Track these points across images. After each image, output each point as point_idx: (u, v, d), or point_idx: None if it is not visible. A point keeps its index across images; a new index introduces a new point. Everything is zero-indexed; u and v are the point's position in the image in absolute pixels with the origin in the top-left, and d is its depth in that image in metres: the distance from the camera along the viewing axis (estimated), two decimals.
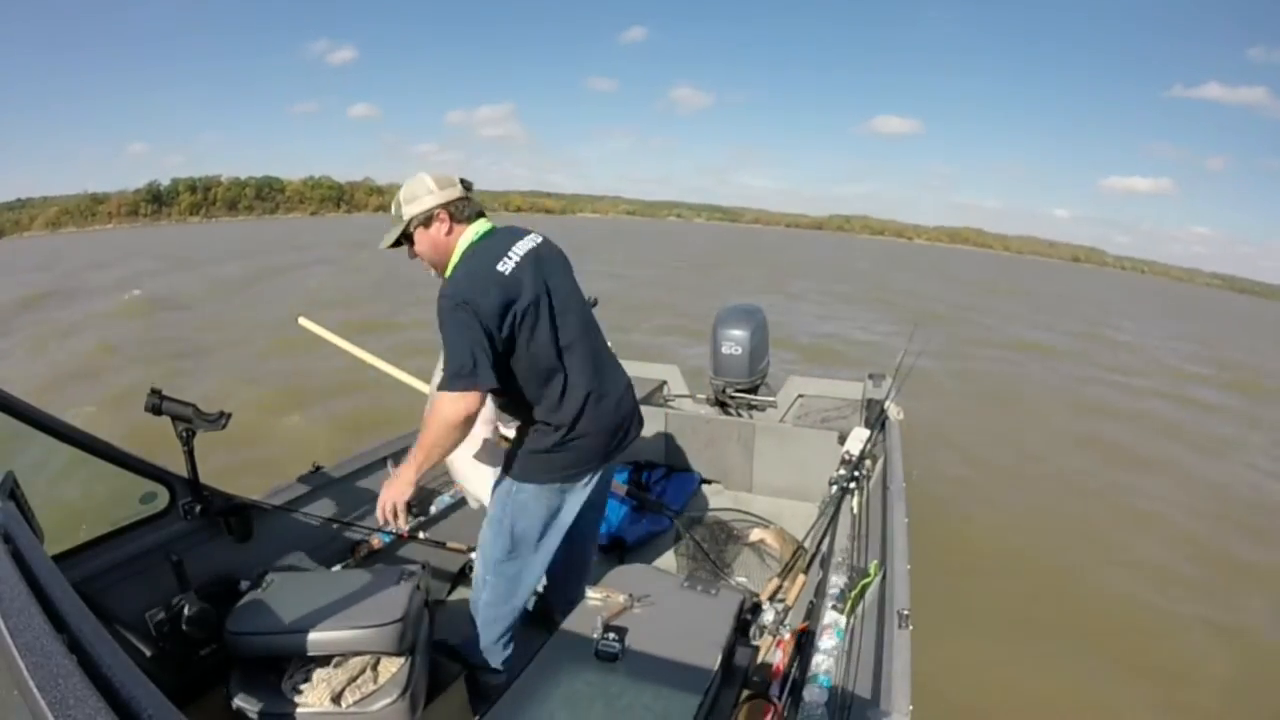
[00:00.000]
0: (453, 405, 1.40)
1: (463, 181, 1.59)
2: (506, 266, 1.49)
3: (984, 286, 25.66)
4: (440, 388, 1.43)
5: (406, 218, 1.55)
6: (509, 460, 1.64)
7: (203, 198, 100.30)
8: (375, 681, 1.49)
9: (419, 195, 1.54)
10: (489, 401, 1.58)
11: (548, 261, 1.59)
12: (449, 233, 1.56)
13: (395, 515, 1.52)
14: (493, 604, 1.70)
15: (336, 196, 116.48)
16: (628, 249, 30.21)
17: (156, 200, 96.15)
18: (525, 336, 1.49)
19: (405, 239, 1.58)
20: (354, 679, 1.47)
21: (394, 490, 1.51)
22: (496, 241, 1.56)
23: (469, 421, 1.43)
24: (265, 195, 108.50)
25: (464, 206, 1.57)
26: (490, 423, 2.03)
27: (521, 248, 1.55)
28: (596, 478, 1.67)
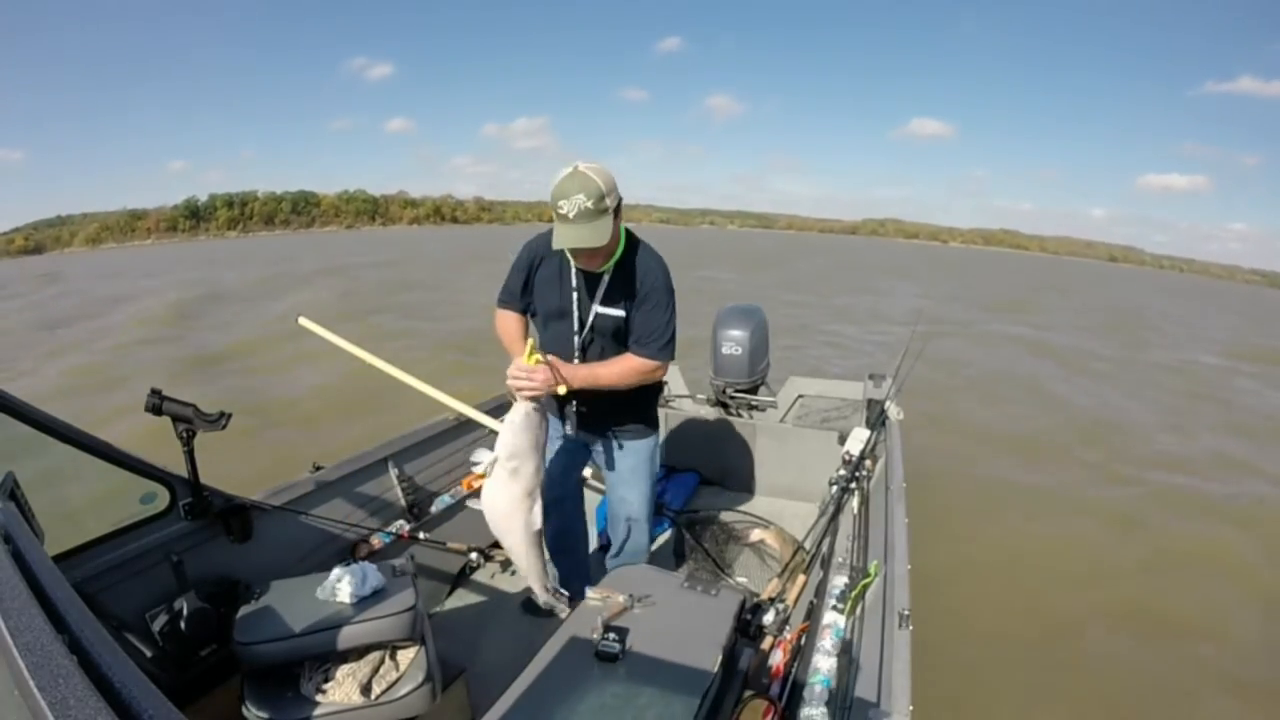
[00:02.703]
0: (656, 370, 1.72)
1: None
2: None
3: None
4: (658, 355, 1.69)
5: (612, 206, 1.53)
6: (649, 419, 1.90)
7: (240, 213, 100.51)
8: (398, 670, 1.51)
9: (614, 186, 1.54)
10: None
11: None
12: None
13: (526, 387, 1.50)
14: (631, 554, 2.00)
15: (371, 210, 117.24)
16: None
17: (194, 215, 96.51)
18: None
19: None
20: (377, 670, 1.49)
21: (556, 375, 1.53)
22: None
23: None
24: (301, 209, 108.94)
25: None
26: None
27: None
28: None
